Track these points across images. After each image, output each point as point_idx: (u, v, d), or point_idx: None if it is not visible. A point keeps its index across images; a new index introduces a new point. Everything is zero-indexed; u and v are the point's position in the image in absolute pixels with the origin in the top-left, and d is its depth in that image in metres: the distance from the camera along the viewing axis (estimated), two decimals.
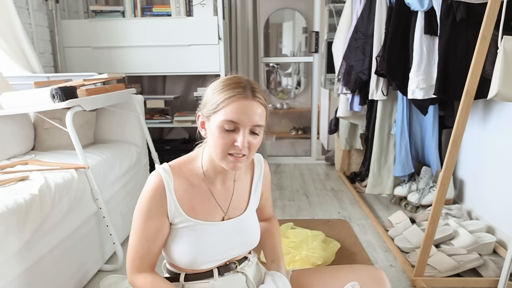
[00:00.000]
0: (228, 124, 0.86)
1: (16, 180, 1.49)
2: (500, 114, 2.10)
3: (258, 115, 0.88)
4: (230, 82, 0.89)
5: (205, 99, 0.92)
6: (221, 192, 1.02)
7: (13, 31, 2.42)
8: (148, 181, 0.96)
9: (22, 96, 1.81)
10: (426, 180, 2.59)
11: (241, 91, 0.87)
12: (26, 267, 1.33)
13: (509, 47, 1.42)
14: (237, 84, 0.88)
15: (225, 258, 1.02)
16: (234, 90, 0.86)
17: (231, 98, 0.86)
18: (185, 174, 0.98)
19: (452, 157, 1.58)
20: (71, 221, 1.61)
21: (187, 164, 1.00)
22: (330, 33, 3.44)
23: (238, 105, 0.86)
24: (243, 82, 0.89)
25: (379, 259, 1.98)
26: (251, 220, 1.06)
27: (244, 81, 0.90)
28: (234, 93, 0.86)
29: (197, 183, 0.99)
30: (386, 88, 2.50)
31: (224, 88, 0.88)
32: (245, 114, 0.86)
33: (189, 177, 0.98)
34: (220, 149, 0.89)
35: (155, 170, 0.98)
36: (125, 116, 2.39)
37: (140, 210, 0.95)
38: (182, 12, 3.03)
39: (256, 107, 0.88)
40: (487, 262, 1.80)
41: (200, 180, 0.99)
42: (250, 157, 0.92)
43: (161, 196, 0.94)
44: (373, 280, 1.01)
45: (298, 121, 5.44)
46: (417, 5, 2.12)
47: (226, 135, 0.87)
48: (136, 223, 0.95)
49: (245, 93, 0.87)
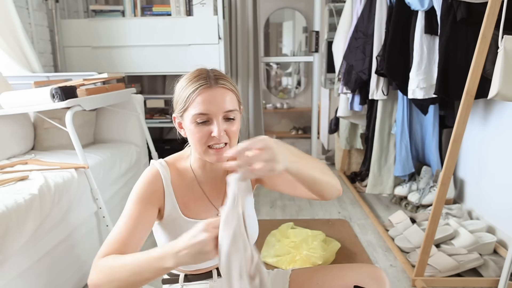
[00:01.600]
0: (199, 117, 0.86)
1: (16, 179, 1.49)
2: (500, 113, 2.10)
3: (227, 101, 0.87)
4: (192, 76, 0.89)
5: (175, 99, 0.92)
6: (213, 191, 1.01)
7: (13, 31, 2.42)
8: (144, 173, 0.95)
9: (22, 96, 1.81)
10: (426, 180, 2.59)
11: (203, 82, 0.86)
12: (26, 266, 1.33)
13: (510, 47, 1.42)
14: (199, 76, 0.88)
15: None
16: (197, 83, 0.86)
17: (196, 92, 0.86)
18: (179, 170, 0.98)
19: (452, 156, 1.57)
20: (71, 221, 1.61)
21: (180, 161, 1.00)
22: (330, 32, 3.43)
23: (204, 96, 0.85)
24: (204, 73, 0.89)
25: (379, 259, 1.98)
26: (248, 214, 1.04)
27: (204, 71, 0.89)
28: (197, 86, 0.86)
29: (190, 181, 0.99)
30: (387, 87, 2.50)
31: (188, 84, 0.88)
32: (213, 103, 0.85)
33: (183, 174, 0.98)
34: (199, 144, 0.88)
35: (150, 165, 0.97)
36: (125, 116, 2.39)
37: (130, 197, 0.91)
38: (182, 12, 3.03)
39: (222, 94, 0.87)
40: (487, 262, 1.80)
41: (192, 178, 0.99)
42: (233, 144, 0.91)
43: (158, 187, 0.93)
44: (373, 279, 1.00)
45: (298, 120, 5.44)
46: (417, 5, 2.12)
47: (201, 128, 0.87)
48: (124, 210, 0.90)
49: (208, 83, 0.86)
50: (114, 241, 0.84)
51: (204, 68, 0.91)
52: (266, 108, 5.27)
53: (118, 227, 0.87)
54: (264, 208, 2.70)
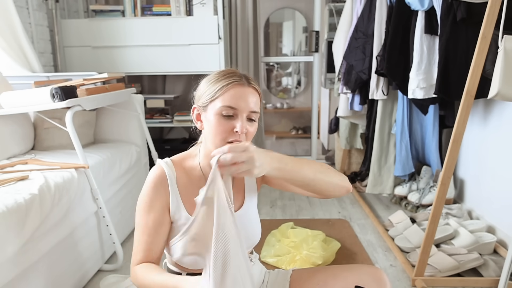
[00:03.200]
0: (226, 110, 0.88)
1: (16, 179, 1.49)
2: (500, 113, 2.10)
3: (255, 102, 0.91)
4: (225, 72, 0.93)
5: (200, 91, 0.94)
6: None
7: (13, 31, 2.42)
8: (150, 174, 0.96)
9: (22, 96, 1.81)
10: (426, 180, 2.59)
11: (237, 79, 0.90)
12: (26, 266, 1.33)
13: (510, 47, 1.42)
14: (232, 73, 0.92)
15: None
16: (231, 78, 0.90)
17: (229, 85, 0.89)
18: (185, 169, 0.99)
19: (452, 156, 1.57)
20: (71, 220, 1.61)
21: (187, 160, 1.01)
22: (330, 32, 3.43)
23: (236, 91, 0.89)
24: (237, 72, 0.93)
25: (379, 258, 1.98)
26: (250, 215, 1.05)
27: (237, 71, 0.94)
28: (231, 81, 0.89)
29: (196, 180, 0.99)
30: (387, 87, 2.50)
31: (219, 78, 0.91)
32: (243, 100, 0.89)
33: (189, 173, 0.99)
34: (219, 136, 0.89)
35: (157, 164, 0.99)
36: (125, 116, 2.39)
37: (142, 203, 0.95)
38: (182, 12, 3.03)
39: (252, 94, 0.91)
40: (487, 262, 1.80)
41: (199, 178, 0.99)
42: None
43: (163, 189, 0.95)
44: (374, 280, 1.00)
45: (298, 120, 5.44)
46: (417, 5, 2.12)
47: (225, 122, 0.89)
48: (138, 217, 0.95)
49: (241, 81, 0.90)
50: (139, 250, 0.93)
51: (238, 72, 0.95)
52: (266, 108, 5.27)
53: (139, 236, 0.94)
54: (264, 208, 2.70)
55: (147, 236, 0.93)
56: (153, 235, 0.93)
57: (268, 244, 2.03)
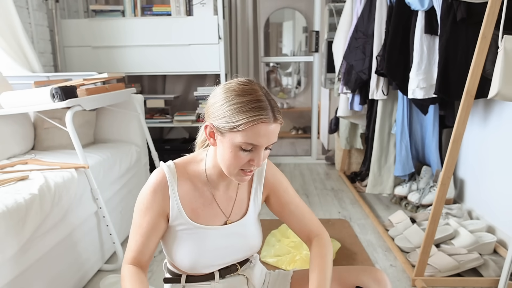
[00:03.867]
0: (247, 146, 0.84)
1: (16, 179, 1.49)
2: (500, 113, 2.10)
3: (275, 135, 0.87)
4: (249, 99, 0.82)
5: (217, 111, 0.85)
6: (224, 197, 1.00)
7: (13, 31, 2.42)
8: (151, 177, 0.95)
9: (22, 96, 1.81)
10: (426, 180, 2.59)
11: (264, 114, 0.82)
12: (26, 266, 1.33)
13: (510, 47, 1.42)
14: (258, 103, 0.82)
15: (226, 263, 1.01)
16: (257, 113, 0.81)
17: (254, 122, 0.81)
18: (189, 174, 0.97)
19: (452, 156, 1.57)
20: (71, 220, 1.61)
21: (191, 164, 0.98)
22: (330, 32, 3.43)
23: (262, 130, 0.82)
24: (264, 101, 0.83)
25: (379, 259, 1.98)
26: (251, 225, 1.04)
27: (264, 99, 0.83)
28: (257, 117, 0.81)
29: (200, 186, 0.98)
30: (387, 87, 2.50)
31: (243, 108, 0.82)
32: (267, 138, 0.84)
33: (193, 178, 0.97)
34: (233, 167, 0.87)
35: (159, 167, 0.97)
36: (125, 116, 2.39)
37: (139, 205, 0.95)
38: (182, 12, 3.03)
39: (276, 130, 0.86)
40: (487, 262, 1.80)
41: (203, 183, 0.98)
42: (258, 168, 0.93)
43: (163, 195, 0.94)
44: (375, 281, 1.00)
45: (298, 120, 5.44)
46: (417, 5, 2.12)
47: (244, 155, 0.85)
48: (134, 216, 0.96)
49: (268, 117, 0.82)
50: (131, 249, 0.95)
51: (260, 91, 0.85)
52: None
53: (133, 235, 0.96)
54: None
55: (139, 236, 0.94)
56: (145, 238, 0.94)
57: (268, 244, 2.03)
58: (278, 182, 1.06)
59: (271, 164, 1.07)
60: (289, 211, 1.05)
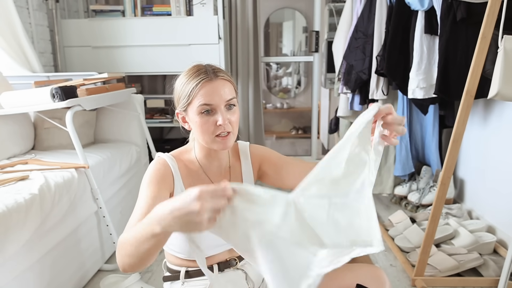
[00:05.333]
0: (204, 108, 0.92)
1: (16, 179, 1.49)
2: (500, 113, 2.10)
3: (227, 91, 0.94)
4: (191, 72, 0.95)
5: (177, 96, 0.98)
6: (219, 178, 1.05)
7: (13, 31, 2.42)
8: (152, 163, 0.98)
9: (22, 96, 1.81)
10: (426, 180, 2.59)
11: (203, 76, 0.93)
12: (26, 266, 1.34)
13: (510, 47, 1.42)
14: (198, 71, 0.94)
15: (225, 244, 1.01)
16: (198, 77, 0.93)
17: (199, 85, 0.92)
18: (184, 161, 1.03)
19: (452, 156, 1.58)
20: (71, 220, 1.61)
21: (184, 154, 1.05)
22: (330, 32, 3.43)
23: (207, 89, 0.92)
24: (202, 68, 0.95)
25: (379, 258, 1.98)
26: None
27: (202, 66, 0.96)
28: (199, 80, 0.92)
29: (195, 171, 1.03)
30: (387, 87, 2.50)
31: (188, 79, 0.94)
32: (215, 94, 0.92)
33: (188, 165, 1.03)
34: (207, 133, 0.94)
35: (156, 157, 1.01)
36: (125, 116, 2.39)
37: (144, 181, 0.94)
38: (182, 12, 3.03)
39: (222, 85, 0.94)
40: (487, 262, 1.80)
41: (197, 168, 1.03)
42: (235, 132, 0.97)
43: (167, 174, 0.96)
44: (373, 279, 1.01)
45: (298, 120, 5.44)
46: (417, 5, 2.12)
47: (207, 119, 0.93)
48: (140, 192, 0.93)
49: (209, 76, 0.93)
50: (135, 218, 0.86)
51: (201, 64, 0.97)
52: (266, 108, 5.27)
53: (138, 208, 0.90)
54: None
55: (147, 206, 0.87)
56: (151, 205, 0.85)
57: None
58: (263, 150, 1.13)
59: (253, 145, 1.14)
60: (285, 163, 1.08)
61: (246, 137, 3.63)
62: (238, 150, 1.12)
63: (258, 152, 1.12)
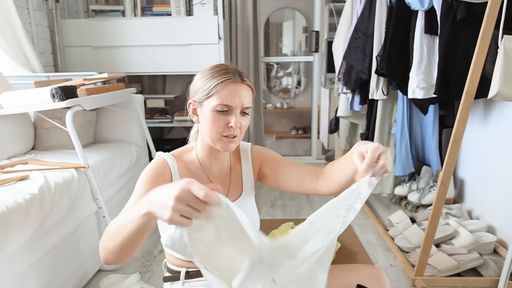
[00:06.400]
0: (222, 107, 0.92)
1: (16, 179, 1.49)
2: (500, 113, 2.10)
3: (248, 98, 0.95)
4: (219, 69, 0.95)
5: (196, 87, 0.97)
6: (219, 180, 1.05)
7: (13, 31, 2.42)
8: (151, 162, 0.98)
9: (22, 96, 1.81)
10: (426, 180, 2.59)
11: (231, 76, 0.93)
12: (26, 266, 1.33)
13: (510, 47, 1.42)
14: (226, 70, 0.94)
15: None
16: (225, 76, 0.93)
17: (224, 83, 0.92)
18: (184, 161, 1.02)
19: (452, 156, 1.58)
20: (71, 220, 1.61)
21: (185, 154, 1.05)
22: (330, 32, 3.43)
23: (231, 89, 0.92)
24: (231, 68, 0.95)
25: (379, 258, 1.98)
26: (248, 205, 1.08)
27: (231, 67, 0.96)
28: (225, 78, 0.92)
29: (196, 171, 1.02)
30: (387, 87, 2.50)
31: (214, 75, 0.94)
32: (237, 97, 0.92)
33: (188, 165, 1.02)
34: (215, 131, 0.94)
35: (156, 156, 1.01)
36: (125, 116, 2.39)
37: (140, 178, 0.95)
38: (182, 12, 3.03)
39: (246, 90, 0.94)
40: (487, 262, 1.80)
41: (198, 168, 1.03)
42: (240, 138, 0.98)
43: (165, 173, 0.96)
44: (373, 279, 1.01)
45: (298, 120, 5.44)
46: (417, 5, 2.12)
47: (221, 118, 0.93)
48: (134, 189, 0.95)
49: (235, 78, 0.93)
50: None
51: (229, 64, 0.98)
52: (266, 108, 5.28)
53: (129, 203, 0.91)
54: (264, 208, 2.70)
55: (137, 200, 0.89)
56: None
57: None
58: (264, 151, 1.13)
59: (254, 145, 1.14)
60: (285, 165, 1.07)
61: (246, 137, 3.63)
62: (240, 151, 1.12)
63: (259, 154, 1.12)
